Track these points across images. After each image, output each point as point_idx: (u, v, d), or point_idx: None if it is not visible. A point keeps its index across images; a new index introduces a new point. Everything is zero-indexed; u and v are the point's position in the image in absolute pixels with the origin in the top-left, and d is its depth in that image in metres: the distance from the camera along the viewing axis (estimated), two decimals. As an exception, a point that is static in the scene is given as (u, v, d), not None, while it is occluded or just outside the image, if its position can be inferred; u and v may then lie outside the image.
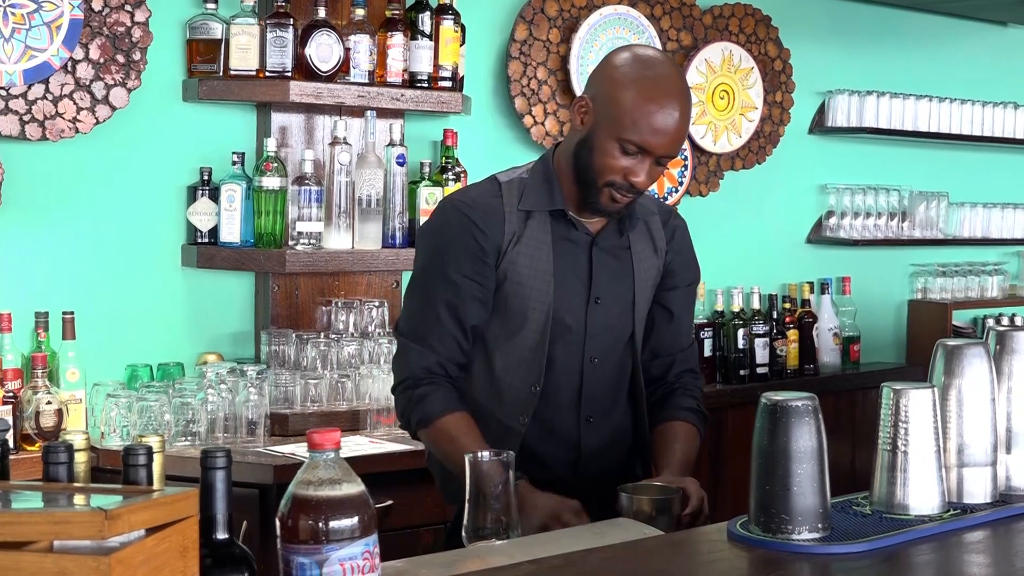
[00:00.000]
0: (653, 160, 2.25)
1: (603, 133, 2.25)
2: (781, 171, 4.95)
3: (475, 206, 2.33)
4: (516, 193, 2.35)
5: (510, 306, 2.33)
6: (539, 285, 2.32)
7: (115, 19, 3.36)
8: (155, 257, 3.57)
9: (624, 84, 2.24)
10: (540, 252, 2.33)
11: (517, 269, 2.32)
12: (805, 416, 1.80)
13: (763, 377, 4.59)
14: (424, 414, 2.30)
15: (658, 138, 2.22)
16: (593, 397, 2.39)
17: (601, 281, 2.37)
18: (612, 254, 2.39)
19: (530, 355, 2.34)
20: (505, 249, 2.31)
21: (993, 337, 2.10)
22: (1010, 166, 5.77)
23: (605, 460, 2.41)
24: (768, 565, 1.74)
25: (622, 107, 2.22)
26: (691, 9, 4.60)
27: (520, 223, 2.33)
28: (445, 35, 3.75)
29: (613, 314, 2.39)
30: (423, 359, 2.32)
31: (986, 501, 2.00)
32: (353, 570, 1.47)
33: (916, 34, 5.37)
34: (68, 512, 1.35)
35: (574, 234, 2.36)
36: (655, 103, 2.21)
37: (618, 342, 2.41)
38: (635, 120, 2.21)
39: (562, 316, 2.34)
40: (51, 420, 3.14)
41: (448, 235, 2.33)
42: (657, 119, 2.21)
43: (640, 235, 2.44)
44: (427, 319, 2.33)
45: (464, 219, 2.31)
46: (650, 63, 2.26)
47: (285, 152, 3.63)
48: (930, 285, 5.34)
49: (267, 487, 3.04)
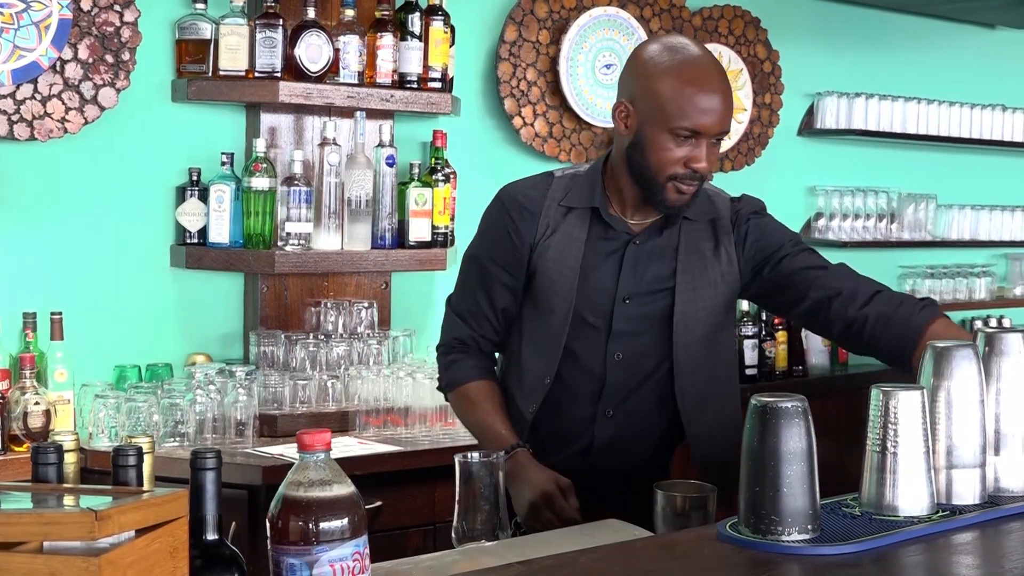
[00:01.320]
0: (708, 142, 2.25)
1: (652, 129, 2.25)
2: (770, 173, 4.96)
3: (515, 199, 2.43)
4: (564, 188, 2.41)
5: (539, 297, 2.40)
6: (564, 280, 2.36)
7: (104, 19, 3.36)
8: (144, 257, 3.56)
9: (659, 75, 2.24)
10: (570, 248, 2.36)
11: (545, 262, 2.37)
12: (795, 418, 1.80)
13: (752, 379, 4.60)
14: (451, 379, 2.49)
15: (708, 117, 2.22)
16: (615, 393, 2.39)
17: (632, 281, 2.36)
18: (652, 255, 2.37)
19: (549, 345, 2.38)
20: (537, 242, 2.39)
21: (982, 339, 2.10)
22: (998, 168, 5.79)
23: (622, 454, 2.41)
24: (758, 566, 1.74)
25: (664, 98, 2.22)
26: (680, 11, 4.61)
27: (559, 217, 2.38)
28: (435, 36, 3.75)
29: (645, 314, 2.37)
30: (457, 330, 2.49)
31: (975, 503, 2.00)
32: (343, 571, 1.46)
33: (905, 36, 5.39)
34: (58, 513, 1.35)
35: (611, 233, 2.37)
36: (695, 84, 2.22)
37: (651, 341, 2.38)
38: (680, 106, 2.21)
39: (583, 313, 2.36)
40: (39, 421, 3.13)
41: (489, 223, 2.47)
42: (701, 99, 2.22)
43: (696, 235, 2.39)
44: (465, 296, 2.50)
45: (503, 211, 2.43)
46: (678, 48, 2.27)
47: (274, 153, 3.62)
48: (919, 287, 5.35)
49: (256, 488, 3.03)
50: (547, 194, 2.40)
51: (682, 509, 2.11)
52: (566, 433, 2.41)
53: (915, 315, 2.28)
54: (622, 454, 2.41)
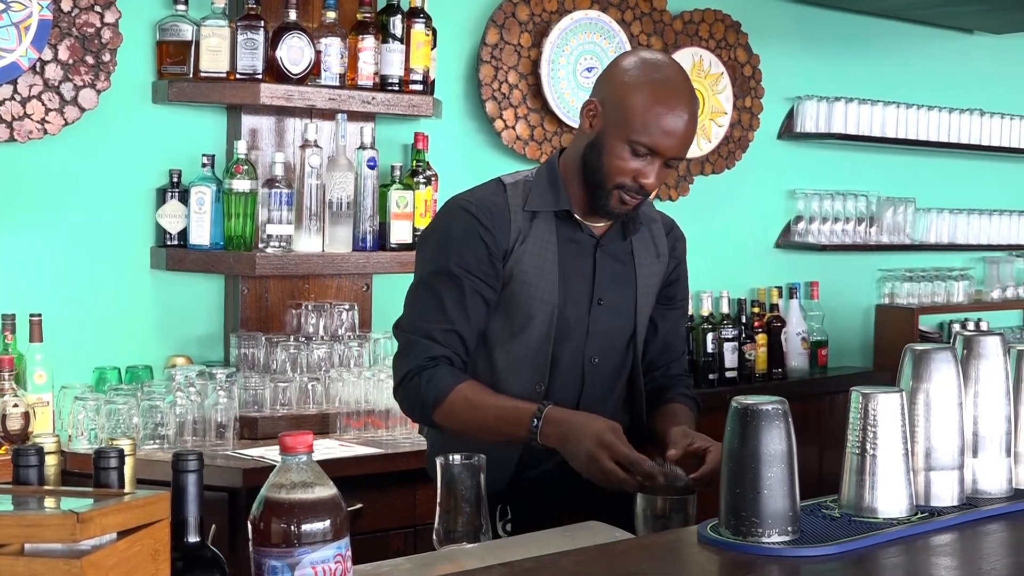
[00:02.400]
0: (662, 162, 2.28)
1: (613, 135, 2.28)
2: (750, 176, 4.98)
3: (481, 206, 2.34)
4: (521, 194, 2.37)
5: (515, 305, 2.35)
6: (544, 285, 2.35)
7: (84, 20, 3.35)
8: (124, 259, 3.55)
9: (633, 87, 2.27)
10: (546, 252, 2.35)
11: (523, 268, 2.34)
12: (775, 420, 1.81)
13: (732, 381, 4.61)
14: (437, 391, 2.28)
15: (668, 140, 2.25)
16: (592, 397, 2.41)
17: (604, 283, 2.41)
18: (616, 257, 2.43)
19: (533, 354, 2.36)
20: (512, 248, 2.34)
21: (960, 342, 2.12)
22: (976, 172, 5.82)
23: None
24: (738, 568, 1.75)
25: (632, 109, 2.25)
26: (661, 15, 4.62)
27: (526, 223, 2.35)
28: (416, 38, 3.75)
29: (615, 316, 2.42)
30: (428, 351, 2.31)
31: (953, 504, 2.02)
32: (325, 573, 1.47)
33: (884, 41, 5.41)
34: (39, 515, 1.34)
35: (579, 236, 2.39)
36: (664, 105, 2.25)
37: (619, 344, 2.45)
38: (645, 122, 2.24)
39: (567, 316, 2.37)
40: (18, 423, 3.11)
41: (454, 235, 2.34)
42: (667, 121, 2.24)
43: (643, 240, 2.48)
44: (431, 315, 2.33)
45: (470, 218, 2.33)
46: (658, 66, 2.30)
47: (255, 155, 3.62)
48: (897, 290, 5.38)
49: (236, 490, 3.02)
50: (508, 200, 2.36)
51: (663, 511, 2.12)
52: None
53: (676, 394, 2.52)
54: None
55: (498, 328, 2.37)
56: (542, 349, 2.36)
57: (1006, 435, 2.10)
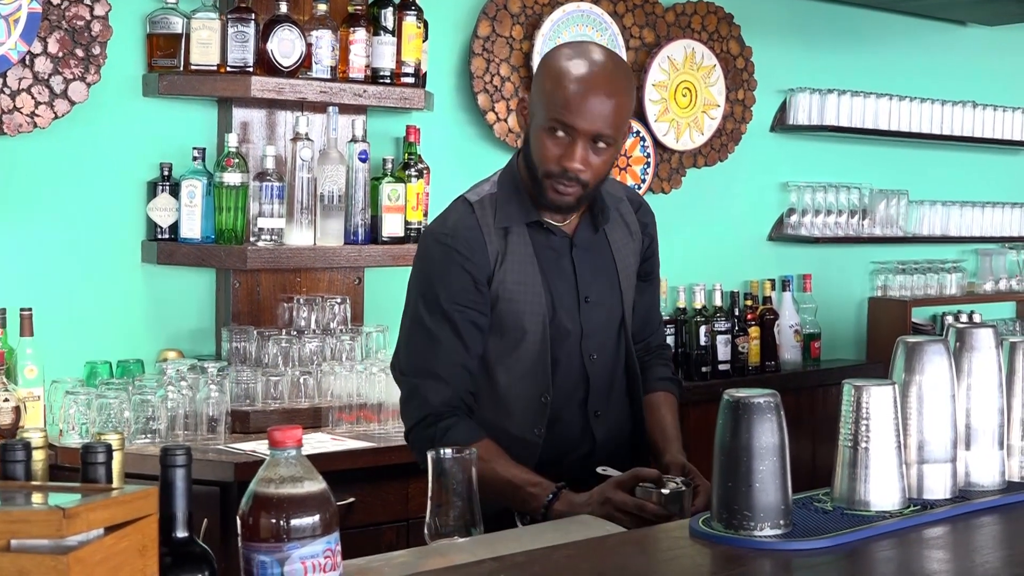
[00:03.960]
0: (584, 143, 2.21)
1: (535, 124, 2.27)
2: (743, 169, 4.97)
3: (457, 236, 2.31)
4: (490, 211, 2.34)
5: (506, 323, 2.33)
6: (531, 298, 2.33)
7: (74, 13, 3.33)
8: (115, 253, 3.54)
9: (550, 71, 2.25)
10: (526, 266, 2.33)
11: (507, 287, 2.32)
12: (767, 413, 1.80)
13: (725, 374, 4.61)
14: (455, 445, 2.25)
15: (579, 113, 2.19)
16: (598, 392, 2.41)
17: (587, 280, 2.39)
18: (592, 251, 2.41)
19: (532, 366, 2.35)
20: (493, 271, 2.31)
21: (953, 334, 2.12)
22: (969, 164, 5.82)
23: (613, 450, 2.43)
24: (730, 562, 1.74)
25: (545, 91, 2.24)
26: (654, 6, 4.61)
27: (501, 241, 2.32)
28: (408, 31, 3.74)
29: (604, 308, 2.42)
30: (439, 394, 2.28)
31: (946, 497, 2.01)
32: (314, 568, 1.46)
33: (876, 33, 5.41)
34: (26, 511, 1.34)
35: (553, 240, 2.37)
36: (574, 81, 2.20)
37: (612, 334, 2.44)
38: (554, 99, 2.21)
39: (559, 321, 2.35)
40: (8, 418, 3.10)
41: (435, 269, 2.32)
42: (577, 97, 2.19)
43: (614, 223, 2.46)
44: (432, 354, 2.30)
45: (448, 250, 2.30)
46: (579, 51, 2.26)
47: (246, 148, 3.61)
48: (890, 282, 5.38)
49: (228, 484, 3.02)
50: (479, 221, 2.33)
51: (661, 505, 2.12)
52: (569, 442, 2.40)
53: (656, 380, 2.55)
54: (614, 450, 2.43)
55: (494, 348, 2.35)
56: (540, 360, 2.35)
57: (999, 428, 2.10)
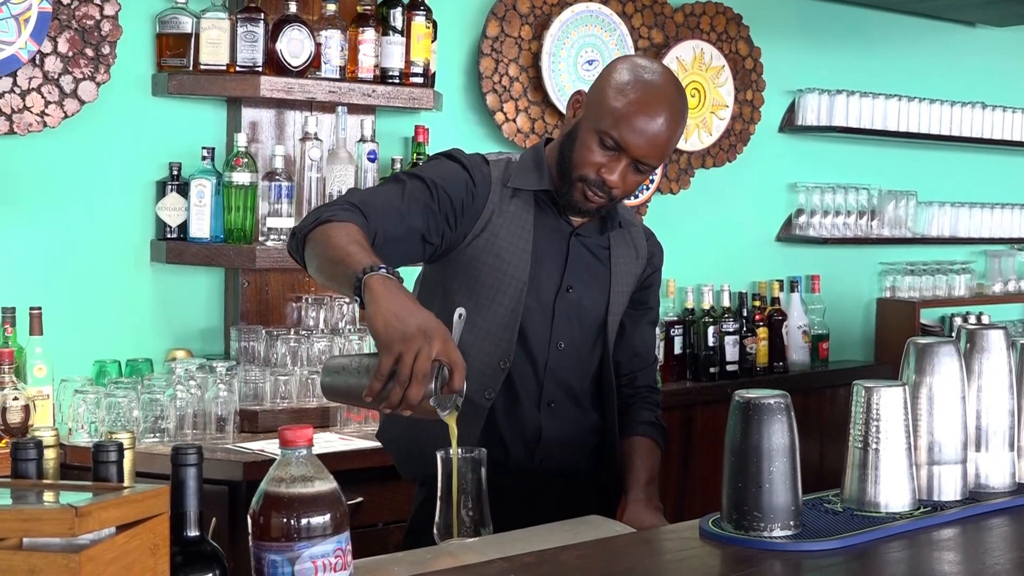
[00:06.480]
0: (630, 163, 2.25)
1: (586, 125, 2.27)
2: (751, 169, 4.97)
3: (475, 163, 2.33)
4: (503, 170, 2.36)
5: (483, 278, 2.31)
6: (517, 262, 2.31)
7: (84, 12, 3.34)
8: (124, 252, 3.54)
9: (616, 82, 2.26)
10: (521, 230, 2.33)
11: (497, 242, 2.31)
12: (777, 414, 1.80)
13: (733, 375, 4.61)
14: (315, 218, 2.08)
15: (636, 137, 2.22)
16: (556, 382, 2.38)
17: (575, 272, 2.38)
18: (591, 250, 2.41)
19: (499, 330, 2.32)
20: (488, 218, 2.30)
21: (964, 335, 2.11)
22: (978, 165, 5.81)
23: (566, 453, 2.39)
24: (740, 563, 1.74)
25: (608, 101, 2.24)
26: (663, 7, 4.61)
27: (504, 199, 2.33)
28: (417, 31, 3.74)
29: (584, 306, 2.40)
30: (347, 216, 2.10)
31: (957, 499, 2.01)
32: (325, 568, 1.46)
33: (885, 34, 5.40)
34: (38, 509, 1.34)
35: (556, 223, 2.37)
36: (640, 103, 2.22)
37: (587, 334, 2.41)
38: (616, 115, 2.22)
39: (533, 297, 2.34)
40: (18, 416, 3.11)
41: (444, 167, 2.31)
42: (639, 119, 2.22)
43: (622, 239, 2.46)
44: (374, 194, 2.22)
45: (460, 167, 2.31)
46: (648, 69, 2.28)
47: (255, 147, 3.61)
48: (898, 284, 5.37)
49: (236, 484, 3.02)
50: (491, 174, 2.35)
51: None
52: (520, 423, 2.36)
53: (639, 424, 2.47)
54: (568, 453, 2.40)
55: (465, 303, 2.27)
56: (508, 325, 2.32)
57: (1010, 429, 2.10)
